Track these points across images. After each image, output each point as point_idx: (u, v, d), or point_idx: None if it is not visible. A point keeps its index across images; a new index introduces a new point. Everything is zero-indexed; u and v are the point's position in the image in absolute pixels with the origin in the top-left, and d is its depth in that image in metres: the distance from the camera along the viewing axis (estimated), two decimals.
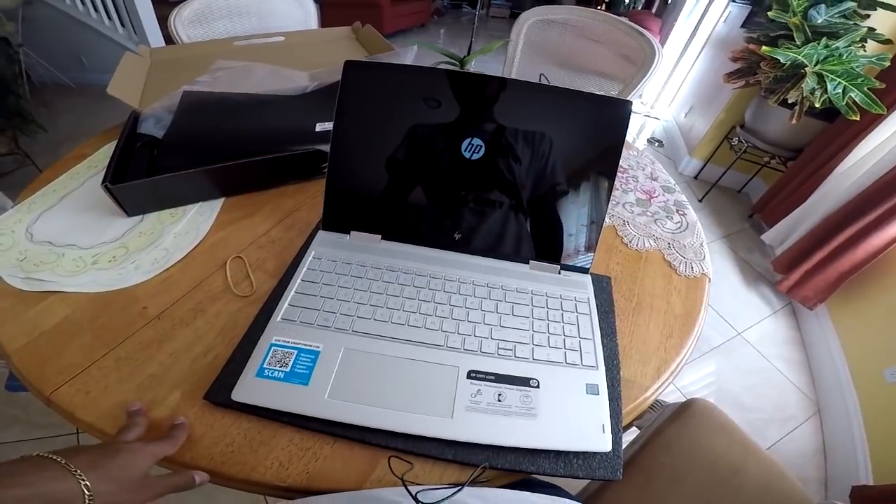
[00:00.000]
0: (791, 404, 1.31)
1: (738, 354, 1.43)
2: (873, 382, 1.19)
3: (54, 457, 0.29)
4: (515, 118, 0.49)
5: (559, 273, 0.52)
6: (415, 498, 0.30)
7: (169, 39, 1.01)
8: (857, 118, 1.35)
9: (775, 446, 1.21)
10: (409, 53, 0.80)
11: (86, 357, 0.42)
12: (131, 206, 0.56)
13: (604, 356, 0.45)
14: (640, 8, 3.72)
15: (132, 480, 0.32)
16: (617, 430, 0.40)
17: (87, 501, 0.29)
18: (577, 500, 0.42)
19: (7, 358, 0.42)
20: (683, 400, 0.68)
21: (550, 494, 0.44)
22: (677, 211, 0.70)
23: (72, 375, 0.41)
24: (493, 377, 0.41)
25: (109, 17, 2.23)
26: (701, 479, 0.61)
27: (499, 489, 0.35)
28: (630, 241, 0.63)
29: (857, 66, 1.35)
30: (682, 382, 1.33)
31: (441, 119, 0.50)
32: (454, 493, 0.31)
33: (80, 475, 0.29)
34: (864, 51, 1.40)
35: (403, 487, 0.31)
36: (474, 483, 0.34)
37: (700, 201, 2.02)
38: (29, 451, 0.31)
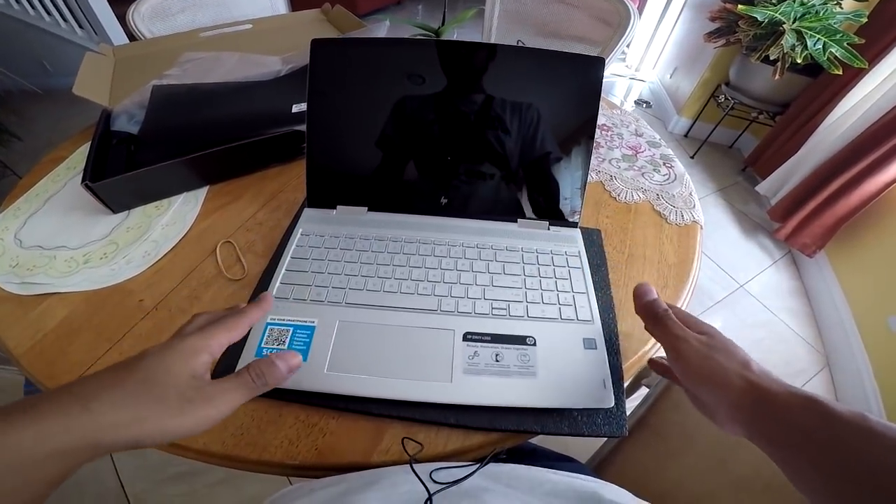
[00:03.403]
0: (800, 357, 1.31)
1: (742, 307, 1.44)
2: (879, 332, 1.19)
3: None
4: (493, 83, 0.49)
5: (548, 229, 0.52)
6: (423, 483, 0.29)
7: (132, 37, 0.98)
8: (840, 72, 1.38)
9: None
10: (380, 28, 0.79)
11: (90, 354, 0.42)
12: (115, 202, 0.55)
13: (599, 310, 0.45)
14: None
15: (169, 393, 0.22)
16: (619, 385, 0.40)
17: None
18: (592, 473, 0.42)
19: (16, 361, 0.43)
20: None
21: (566, 466, 0.43)
22: (664, 164, 0.70)
23: (80, 373, 0.41)
24: (489, 338, 0.41)
25: (65, 20, 2.16)
26: (713, 436, 0.60)
27: (512, 465, 0.35)
28: (618, 195, 0.63)
29: (834, 23, 1.36)
30: None
31: (418, 89, 0.49)
32: (467, 476, 0.31)
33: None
34: (841, 7, 1.41)
35: (418, 466, 0.30)
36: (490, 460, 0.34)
37: (692, 158, 2.02)
38: None
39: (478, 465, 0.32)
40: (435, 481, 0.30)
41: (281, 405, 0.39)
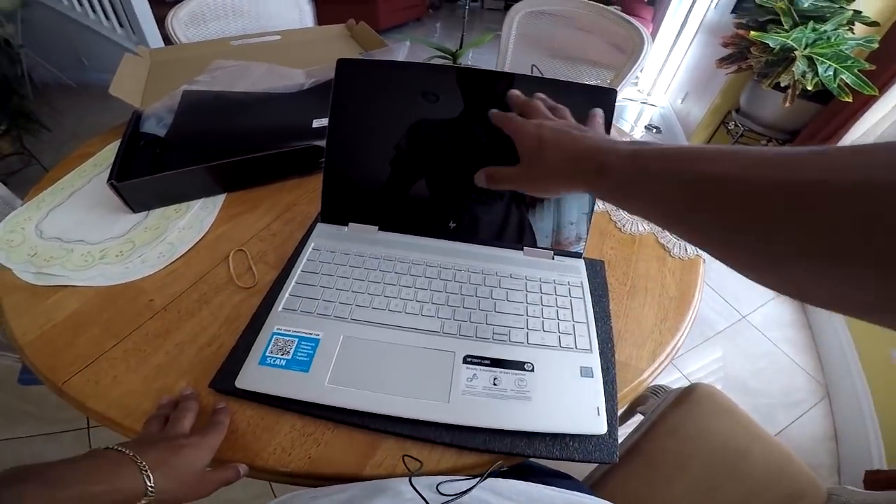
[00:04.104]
0: (800, 388, 1.31)
1: (744, 338, 1.43)
2: (881, 363, 1.18)
3: (127, 452, 0.30)
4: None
5: (553, 259, 0.53)
6: (423, 497, 0.30)
7: (167, 39, 1.02)
8: (850, 100, 1.36)
9: (785, 431, 1.20)
10: (401, 49, 0.81)
11: (95, 348, 0.43)
12: (136, 202, 0.57)
13: (598, 339, 0.46)
14: None
15: (192, 477, 0.33)
16: (612, 413, 0.41)
17: (147, 492, 0.29)
18: (588, 491, 0.42)
19: (20, 350, 0.44)
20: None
21: (563, 483, 0.44)
22: None
23: (82, 366, 0.42)
24: (488, 361, 0.42)
25: (108, 18, 2.24)
26: (706, 463, 0.61)
27: (512, 480, 0.36)
28: (623, 226, 0.64)
29: (845, 49, 1.35)
30: (689, 369, 1.33)
31: (435, 113, 0.51)
32: (470, 489, 0.32)
33: (147, 472, 0.30)
34: (853, 33, 1.40)
35: (418, 478, 0.32)
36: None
37: None
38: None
39: (479, 479, 0.33)
40: (441, 493, 0.31)
41: (279, 413, 0.40)
